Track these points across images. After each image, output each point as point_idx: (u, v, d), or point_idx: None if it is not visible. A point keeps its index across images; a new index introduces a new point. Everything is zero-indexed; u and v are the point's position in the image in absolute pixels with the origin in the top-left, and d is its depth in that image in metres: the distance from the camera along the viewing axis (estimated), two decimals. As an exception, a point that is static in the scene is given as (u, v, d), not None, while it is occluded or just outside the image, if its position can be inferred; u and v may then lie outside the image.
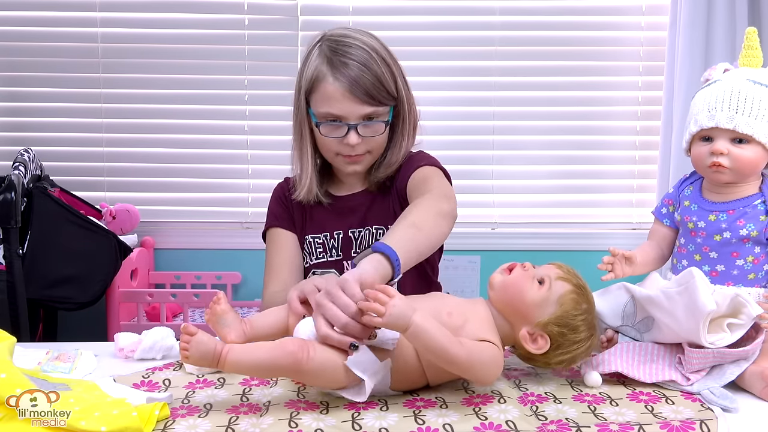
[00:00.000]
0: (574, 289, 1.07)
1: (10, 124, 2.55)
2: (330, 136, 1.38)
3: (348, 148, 1.38)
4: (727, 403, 1.02)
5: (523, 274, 1.07)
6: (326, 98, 1.34)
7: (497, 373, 1.04)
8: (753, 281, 1.15)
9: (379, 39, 1.41)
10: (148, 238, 2.51)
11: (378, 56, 1.35)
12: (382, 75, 1.35)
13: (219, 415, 1.00)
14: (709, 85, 1.18)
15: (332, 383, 1.03)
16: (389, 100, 1.38)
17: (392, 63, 1.39)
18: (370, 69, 1.33)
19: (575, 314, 1.06)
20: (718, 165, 1.14)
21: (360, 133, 1.36)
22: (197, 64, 2.51)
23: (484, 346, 1.03)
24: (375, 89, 1.34)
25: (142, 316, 2.29)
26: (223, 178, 2.56)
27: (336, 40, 1.35)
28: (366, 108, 1.34)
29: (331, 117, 1.35)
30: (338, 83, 1.32)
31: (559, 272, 1.08)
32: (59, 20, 2.49)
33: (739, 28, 2.20)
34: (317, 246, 1.49)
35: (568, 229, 2.56)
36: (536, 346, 1.06)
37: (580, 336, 1.07)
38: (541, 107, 2.51)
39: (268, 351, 0.99)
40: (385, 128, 1.38)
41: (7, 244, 1.99)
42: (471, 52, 2.49)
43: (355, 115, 1.34)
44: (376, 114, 1.36)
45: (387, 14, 2.49)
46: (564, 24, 2.48)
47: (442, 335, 0.99)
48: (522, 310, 1.06)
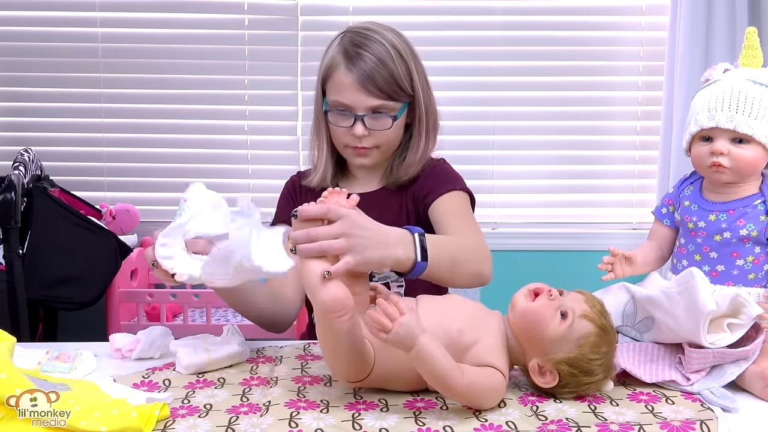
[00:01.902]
0: (597, 332, 1.02)
1: (10, 124, 2.55)
2: (338, 125, 1.39)
3: (355, 140, 1.38)
4: (727, 403, 1.02)
5: (547, 304, 1.02)
6: (338, 87, 1.36)
7: (497, 401, 1.01)
8: (753, 281, 1.15)
9: (404, 37, 1.42)
10: (148, 238, 2.50)
11: (396, 52, 1.36)
12: (397, 71, 1.35)
13: (219, 415, 1.00)
14: (709, 85, 1.18)
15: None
16: (401, 97, 1.38)
17: (411, 61, 1.39)
18: (384, 63, 1.34)
19: (591, 358, 1.02)
20: (718, 165, 1.14)
21: (367, 125, 1.36)
22: (197, 64, 2.51)
23: (486, 375, 1.00)
24: (386, 83, 1.34)
25: (142, 316, 2.29)
26: (223, 178, 2.56)
27: (357, 32, 1.38)
28: (374, 100, 1.35)
29: (340, 106, 1.37)
30: (350, 73, 1.34)
31: (585, 309, 1.03)
32: (59, 20, 2.49)
33: (739, 28, 2.20)
34: None
35: (568, 229, 2.56)
36: (543, 380, 1.03)
37: (593, 379, 1.03)
38: (541, 107, 2.51)
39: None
40: (392, 123, 1.38)
41: (7, 244, 1.99)
42: (471, 52, 2.49)
43: (363, 107, 1.35)
44: (384, 108, 1.36)
45: (387, 14, 2.49)
46: (564, 24, 2.48)
47: (445, 362, 0.96)
48: (538, 341, 1.02)
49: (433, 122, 1.46)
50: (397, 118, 1.38)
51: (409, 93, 1.39)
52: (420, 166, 1.45)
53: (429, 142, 1.46)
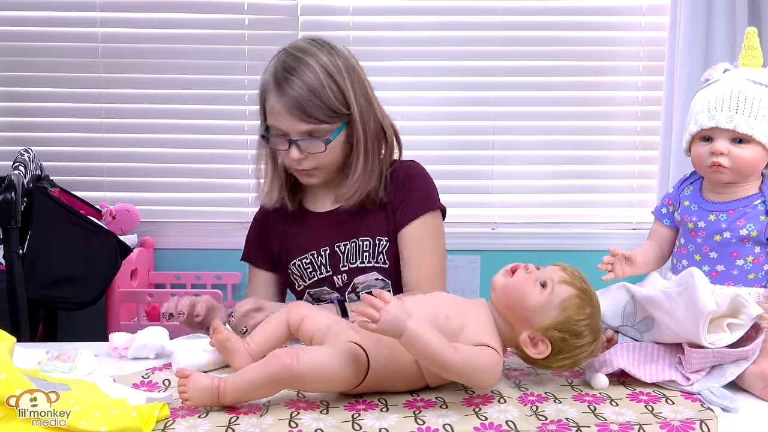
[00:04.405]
0: (578, 294, 1.05)
1: (10, 124, 2.54)
2: (276, 147, 1.41)
3: (294, 162, 1.39)
4: (727, 403, 1.02)
5: (525, 277, 1.06)
6: (271, 111, 1.37)
7: (494, 378, 1.03)
8: (753, 281, 1.15)
9: (342, 54, 1.40)
10: (148, 238, 2.51)
11: (326, 76, 1.35)
12: (326, 95, 1.35)
13: (219, 415, 1.00)
14: (709, 85, 1.18)
15: (328, 383, 1.03)
16: (334, 119, 1.37)
17: (344, 81, 1.37)
18: (312, 90, 1.34)
19: (578, 319, 1.04)
20: (718, 165, 1.14)
21: (301, 148, 1.37)
22: (197, 64, 2.50)
23: (480, 352, 1.02)
24: (316, 108, 1.34)
25: (142, 316, 2.29)
26: (223, 178, 2.56)
27: (290, 54, 1.38)
28: (304, 126, 1.35)
29: (276, 130, 1.38)
30: (280, 100, 1.35)
31: (562, 275, 1.06)
32: (59, 20, 2.49)
33: (739, 28, 2.20)
34: (306, 266, 1.49)
35: (568, 229, 2.55)
36: (537, 351, 1.05)
37: (583, 341, 1.05)
38: (541, 107, 2.51)
39: (259, 368, 1.01)
40: (325, 147, 1.37)
41: (7, 244, 1.99)
42: (471, 52, 2.49)
43: (295, 131, 1.36)
44: (317, 131, 1.36)
45: (387, 14, 2.48)
46: (564, 24, 2.48)
47: (437, 341, 0.98)
48: (523, 314, 1.05)
49: (375, 137, 1.44)
50: (330, 141, 1.38)
51: (344, 113, 1.38)
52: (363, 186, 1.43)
53: (370, 160, 1.43)
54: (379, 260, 1.46)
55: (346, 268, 1.47)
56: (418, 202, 1.46)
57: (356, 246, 1.46)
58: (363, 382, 1.04)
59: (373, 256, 1.46)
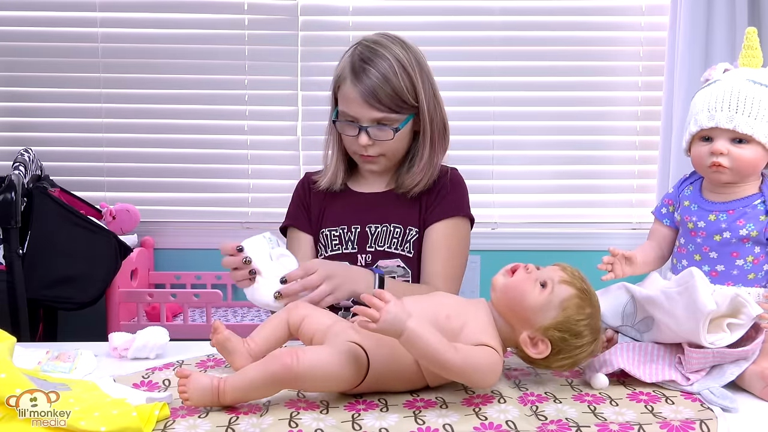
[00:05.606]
0: (578, 294, 1.05)
1: (10, 124, 2.54)
2: (345, 133, 1.48)
3: (361, 148, 1.46)
4: (727, 403, 1.02)
5: (525, 277, 1.06)
6: (345, 98, 1.44)
7: (494, 378, 1.03)
8: (753, 281, 1.15)
9: (413, 49, 1.47)
10: (148, 238, 2.51)
11: (400, 67, 1.42)
12: (399, 86, 1.41)
13: (219, 415, 1.00)
14: (709, 85, 1.18)
15: (328, 383, 1.04)
16: (404, 109, 1.44)
17: (416, 74, 1.44)
18: (387, 79, 1.41)
19: (578, 319, 1.04)
20: (718, 165, 1.14)
21: (370, 135, 1.44)
22: (197, 64, 2.51)
23: (480, 351, 1.02)
24: (388, 98, 1.41)
25: (142, 316, 2.29)
26: (223, 178, 2.56)
27: (366, 46, 1.44)
28: (377, 113, 1.42)
29: (347, 116, 1.45)
30: (355, 88, 1.41)
31: (562, 275, 1.06)
32: (59, 20, 2.49)
33: (739, 28, 2.20)
34: (333, 238, 1.53)
35: (568, 229, 2.56)
36: (537, 351, 1.05)
37: (583, 341, 1.05)
38: (541, 107, 2.51)
39: (259, 368, 1.01)
40: (394, 134, 1.44)
41: (7, 244, 1.99)
42: (471, 52, 2.49)
43: (367, 118, 1.43)
44: (387, 120, 1.43)
45: (387, 14, 2.49)
46: (564, 24, 2.48)
47: (437, 341, 0.98)
48: (523, 313, 1.05)
49: (439, 132, 1.51)
50: (399, 129, 1.44)
51: (413, 105, 1.45)
52: (428, 175, 1.51)
53: (435, 152, 1.52)
54: (405, 248, 1.50)
55: (372, 249, 1.50)
56: (450, 204, 1.52)
57: (387, 230, 1.51)
58: (363, 382, 1.04)
59: (400, 243, 1.50)
